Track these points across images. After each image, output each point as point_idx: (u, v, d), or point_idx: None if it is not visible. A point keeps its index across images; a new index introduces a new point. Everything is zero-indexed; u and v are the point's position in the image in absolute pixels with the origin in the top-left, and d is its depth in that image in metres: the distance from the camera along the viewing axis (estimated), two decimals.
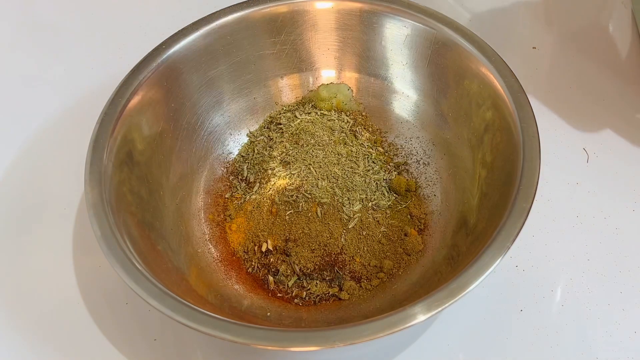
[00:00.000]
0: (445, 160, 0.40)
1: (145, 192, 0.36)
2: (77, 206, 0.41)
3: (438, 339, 0.35)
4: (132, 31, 0.53)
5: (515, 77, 0.36)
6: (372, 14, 0.41)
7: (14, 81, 0.50)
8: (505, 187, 0.32)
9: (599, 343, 0.35)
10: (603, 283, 0.37)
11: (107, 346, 0.35)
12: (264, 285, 0.36)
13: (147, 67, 0.37)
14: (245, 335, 0.27)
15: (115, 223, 0.31)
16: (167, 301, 0.28)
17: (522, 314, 0.36)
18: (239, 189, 0.40)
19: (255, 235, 0.37)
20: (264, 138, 0.42)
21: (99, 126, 0.35)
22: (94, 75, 0.49)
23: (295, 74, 0.43)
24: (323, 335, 0.27)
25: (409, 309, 0.28)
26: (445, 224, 0.37)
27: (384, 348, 0.35)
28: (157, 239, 0.34)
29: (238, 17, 0.40)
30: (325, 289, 0.36)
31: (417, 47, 0.41)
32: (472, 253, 0.30)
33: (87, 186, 0.32)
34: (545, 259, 0.38)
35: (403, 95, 0.42)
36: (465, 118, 0.38)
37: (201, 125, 0.41)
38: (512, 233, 0.30)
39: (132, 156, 0.35)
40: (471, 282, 0.28)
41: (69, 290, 0.37)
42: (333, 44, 0.43)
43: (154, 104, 0.38)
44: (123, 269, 0.30)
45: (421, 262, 0.36)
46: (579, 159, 0.43)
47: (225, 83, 0.41)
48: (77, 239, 0.40)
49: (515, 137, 0.34)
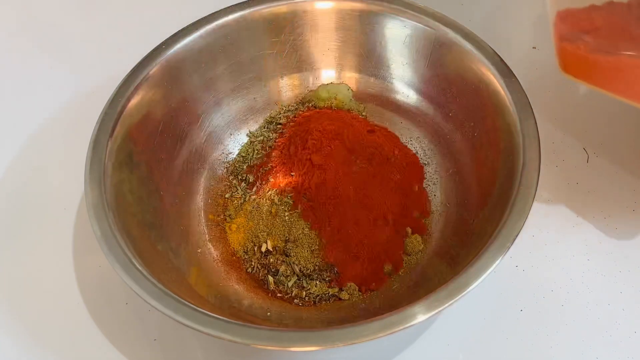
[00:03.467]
0: (445, 160, 0.40)
1: (145, 192, 0.36)
2: (77, 206, 0.41)
3: (438, 339, 0.35)
4: (132, 31, 0.53)
5: (515, 77, 0.36)
6: (372, 14, 0.41)
7: (14, 81, 0.50)
8: (505, 187, 0.32)
9: (599, 343, 0.35)
10: (603, 283, 0.37)
11: (107, 346, 0.35)
12: (264, 285, 0.36)
13: (147, 67, 0.37)
14: (245, 335, 0.27)
15: (115, 223, 0.31)
16: (167, 301, 0.29)
17: (522, 314, 0.36)
18: (239, 189, 0.40)
19: (255, 236, 0.37)
20: (263, 138, 0.42)
21: (99, 126, 0.35)
22: (94, 75, 0.49)
23: (295, 74, 0.43)
24: (323, 335, 0.27)
25: (409, 309, 0.28)
26: (445, 224, 0.37)
27: (384, 348, 0.35)
28: (157, 239, 0.34)
29: (238, 17, 0.40)
30: (325, 289, 0.36)
31: (417, 47, 0.41)
32: (472, 253, 0.30)
33: (87, 186, 0.32)
34: (545, 259, 0.38)
35: (403, 95, 0.42)
36: (465, 118, 0.38)
37: (201, 125, 0.41)
38: (512, 233, 0.30)
39: (132, 156, 0.35)
40: (471, 282, 0.28)
41: (69, 290, 0.37)
42: (333, 44, 0.43)
43: (154, 104, 0.38)
44: (123, 269, 0.30)
45: (421, 262, 0.36)
46: (579, 159, 0.43)
47: (225, 83, 0.41)
48: (77, 239, 0.40)
49: (515, 137, 0.34)
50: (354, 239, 0.36)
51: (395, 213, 0.37)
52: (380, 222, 0.37)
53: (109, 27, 0.54)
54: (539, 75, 0.48)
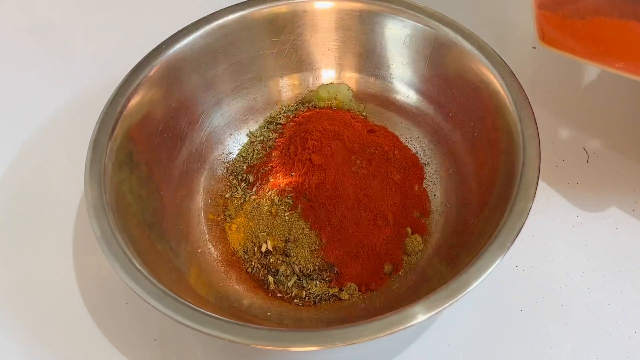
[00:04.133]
0: (445, 160, 0.40)
1: (145, 192, 0.36)
2: (77, 206, 0.41)
3: (438, 339, 0.35)
4: (132, 31, 0.53)
5: (515, 77, 0.36)
6: (372, 14, 0.41)
7: (14, 81, 0.50)
8: (505, 187, 0.32)
9: (599, 343, 0.35)
10: (603, 283, 0.37)
11: (107, 346, 0.35)
12: (264, 285, 0.36)
13: (147, 67, 0.37)
14: (245, 335, 0.27)
15: (115, 223, 0.31)
16: (167, 301, 0.29)
17: (522, 314, 0.36)
18: (239, 189, 0.40)
19: (255, 236, 0.37)
20: (263, 138, 0.42)
21: (99, 126, 0.35)
22: (94, 75, 0.49)
23: (295, 74, 0.43)
24: (323, 335, 0.27)
25: (409, 309, 0.28)
26: (445, 224, 0.37)
27: (384, 348, 0.35)
28: (157, 239, 0.34)
29: (238, 17, 0.40)
30: (325, 289, 0.36)
31: (417, 47, 0.41)
32: (472, 253, 0.30)
33: (87, 186, 0.32)
34: (545, 259, 0.38)
35: (403, 95, 0.42)
36: (465, 118, 0.38)
37: (201, 125, 0.41)
38: (512, 233, 0.30)
39: (132, 156, 0.35)
40: (471, 282, 0.28)
41: (69, 290, 0.37)
42: (333, 44, 0.43)
43: (154, 104, 0.38)
44: (123, 269, 0.30)
45: (421, 262, 0.36)
46: (579, 159, 0.43)
47: (225, 83, 0.41)
48: (77, 239, 0.40)
49: (515, 137, 0.34)
50: (354, 239, 0.36)
51: (395, 213, 0.37)
52: (380, 222, 0.37)
53: (109, 27, 0.54)
54: (539, 75, 0.48)
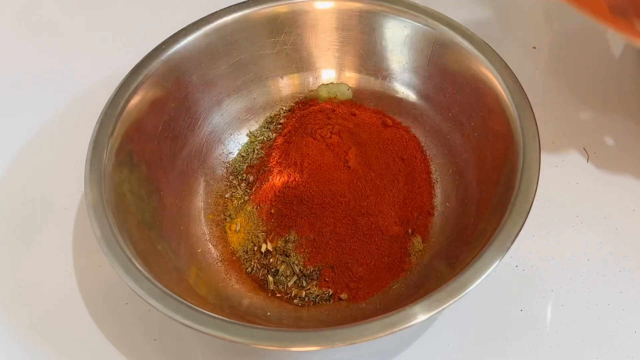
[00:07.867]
0: (445, 160, 0.40)
1: (145, 192, 0.36)
2: (77, 206, 0.41)
3: (438, 339, 0.35)
4: (132, 31, 0.53)
5: (515, 77, 0.36)
6: (372, 14, 0.41)
7: (14, 81, 0.50)
8: (505, 187, 0.32)
9: (599, 343, 0.35)
10: (603, 283, 0.37)
11: (107, 346, 0.35)
12: (264, 285, 0.36)
13: (147, 67, 0.37)
14: (245, 335, 0.27)
15: (115, 223, 0.31)
16: (167, 301, 0.29)
17: (522, 314, 0.36)
18: (239, 189, 0.40)
19: (255, 236, 0.37)
20: (264, 138, 0.42)
21: (99, 126, 0.35)
22: (94, 74, 0.49)
23: (295, 74, 0.43)
24: (323, 335, 0.27)
25: (409, 309, 0.28)
26: (445, 224, 0.37)
27: (384, 348, 0.35)
28: (157, 239, 0.34)
29: (238, 17, 0.40)
30: (325, 289, 0.36)
31: (417, 47, 0.40)
32: (472, 253, 0.30)
33: (87, 186, 0.32)
34: (545, 259, 0.38)
35: (403, 95, 0.42)
36: (465, 118, 0.38)
37: (201, 125, 0.41)
38: (512, 233, 0.30)
39: (132, 156, 0.35)
40: (471, 282, 0.28)
41: (69, 290, 0.37)
42: (333, 44, 0.43)
43: (154, 104, 0.38)
44: (123, 269, 0.30)
45: (421, 262, 0.36)
46: (579, 159, 0.43)
47: (225, 83, 0.41)
48: (77, 239, 0.40)
49: (515, 137, 0.34)
50: (353, 240, 0.36)
51: (396, 214, 0.37)
52: (380, 222, 0.36)
53: (109, 27, 0.54)
54: (539, 75, 0.48)
